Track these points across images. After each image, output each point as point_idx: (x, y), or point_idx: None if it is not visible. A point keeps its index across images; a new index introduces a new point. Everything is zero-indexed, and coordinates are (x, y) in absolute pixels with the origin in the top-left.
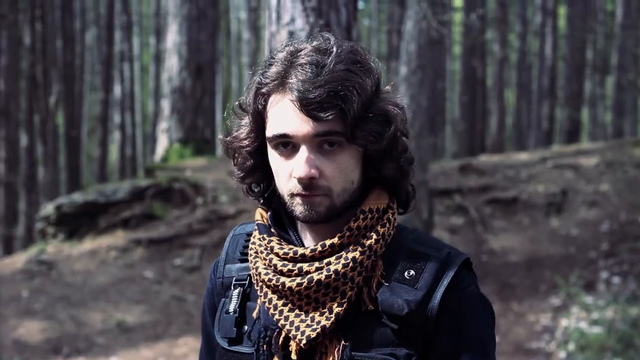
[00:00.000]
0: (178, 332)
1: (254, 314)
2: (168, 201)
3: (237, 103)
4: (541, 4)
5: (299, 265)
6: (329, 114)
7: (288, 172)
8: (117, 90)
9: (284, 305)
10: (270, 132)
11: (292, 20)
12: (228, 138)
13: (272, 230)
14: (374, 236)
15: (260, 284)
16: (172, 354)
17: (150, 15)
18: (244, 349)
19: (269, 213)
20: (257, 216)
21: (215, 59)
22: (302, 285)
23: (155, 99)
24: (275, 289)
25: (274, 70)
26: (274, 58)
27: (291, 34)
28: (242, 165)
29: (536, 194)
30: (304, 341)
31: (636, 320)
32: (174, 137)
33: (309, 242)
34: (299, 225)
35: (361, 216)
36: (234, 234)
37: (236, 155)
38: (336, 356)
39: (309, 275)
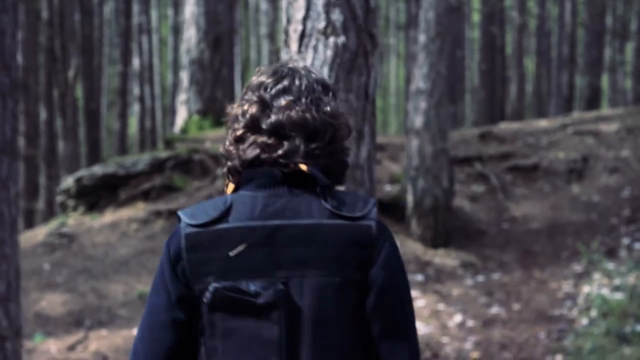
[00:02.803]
0: None
1: None
2: (188, 172)
3: None
4: None
5: None
6: None
7: None
8: (135, 62)
9: None
10: None
11: None
12: None
13: None
14: None
15: None
16: None
17: None
18: None
19: None
20: None
21: (234, 30)
22: None
23: (174, 71)
24: None
25: None
26: None
27: (308, 2)
28: None
29: (557, 160)
30: None
31: None
32: (193, 109)
33: None
34: None
35: None
36: None
37: None
38: None
39: None
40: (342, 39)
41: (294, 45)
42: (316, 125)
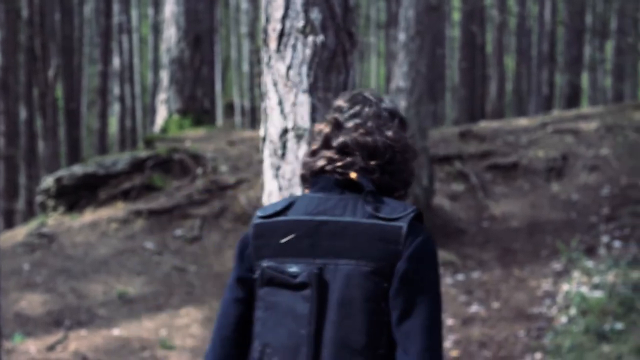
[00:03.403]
0: (179, 303)
1: None
2: (168, 172)
3: None
4: None
5: None
6: None
7: None
8: (116, 62)
9: None
10: None
11: None
12: None
13: None
14: None
15: None
16: (174, 325)
17: None
18: None
19: None
20: None
21: (214, 29)
22: None
23: (155, 71)
24: None
25: None
26: None
27: (287, 1)
28: None
29: (536, 159)
30: None
31: (637, 284)
32: (173, 108)
33: None
34: None
35: None
36: None
37: None
38: None
39: None
40: (320, 38)
41: (272, 44)
42: (376, 146)
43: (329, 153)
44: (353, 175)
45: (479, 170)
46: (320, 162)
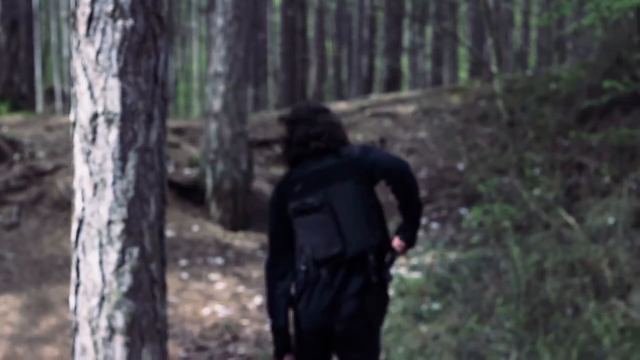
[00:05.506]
0: None
1: None
2: None
3: None
4: None
5: None
6: None
7: None
8: None
9: None
10: None
11: None
12: None
13: None
14: None
15: None
16: None
17: None
18: None
19: None
20: None
21: (32, 13)
22: None
23: None
24: None
25: None
26: None
27: None
28: None
29: (356, 142)
30: None
31: (454, 265)
32: None
33: None
34: None
35: None
36: None
37: None
38: None
39: None
40: (130, 22)
41: (82, 28)
42: (316, 132)
43: (294, 146)
44: (322, 146)
45: None
46: (293, 152)
